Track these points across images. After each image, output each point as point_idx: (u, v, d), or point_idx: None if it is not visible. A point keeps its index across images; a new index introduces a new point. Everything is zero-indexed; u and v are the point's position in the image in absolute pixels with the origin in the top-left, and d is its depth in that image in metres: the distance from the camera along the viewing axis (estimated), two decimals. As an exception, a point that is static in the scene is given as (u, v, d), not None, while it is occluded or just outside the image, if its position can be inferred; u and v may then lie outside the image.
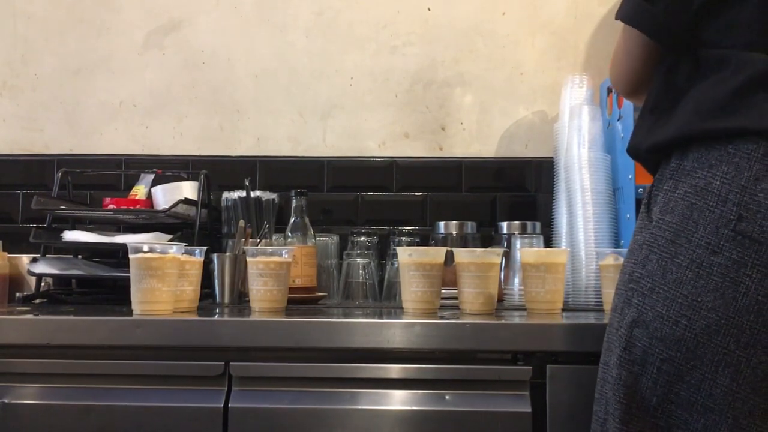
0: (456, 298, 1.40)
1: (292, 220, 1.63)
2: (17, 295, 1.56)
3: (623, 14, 1.03)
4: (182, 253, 1.34)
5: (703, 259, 0.88)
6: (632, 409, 0.93)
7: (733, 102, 0.91)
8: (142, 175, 1.85)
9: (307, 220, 1.63)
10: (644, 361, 0.92)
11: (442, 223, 1.71)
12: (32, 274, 1.55)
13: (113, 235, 1.67)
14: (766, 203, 0.86)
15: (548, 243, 1.69)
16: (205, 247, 1.43)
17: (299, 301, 1.54)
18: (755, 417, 0.87)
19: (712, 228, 0.88)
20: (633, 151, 1.06)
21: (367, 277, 1.66)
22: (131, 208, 1.75)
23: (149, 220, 1.77)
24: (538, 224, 1.67)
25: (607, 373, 0.98)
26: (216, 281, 1.55)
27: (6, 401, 1.19)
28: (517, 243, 1.57)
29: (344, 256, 1.69)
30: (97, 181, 1.90)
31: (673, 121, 0.96)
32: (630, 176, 1.50)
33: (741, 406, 0.87)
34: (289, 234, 1.61)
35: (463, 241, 1.68)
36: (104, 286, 1.70)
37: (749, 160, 0.88)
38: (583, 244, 1.54)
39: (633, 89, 1.11)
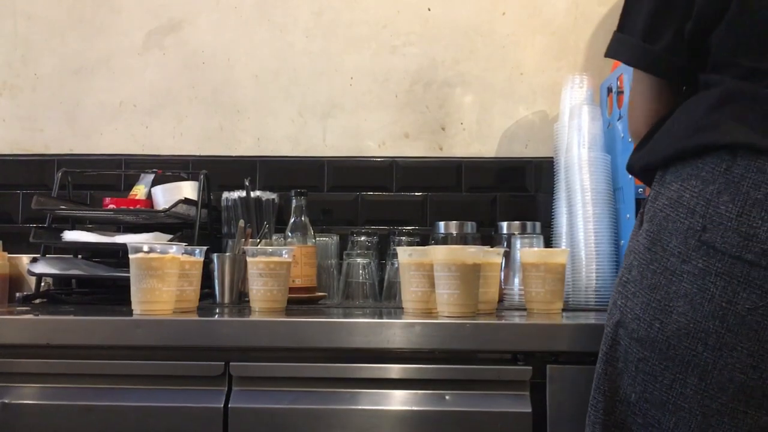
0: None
1: (292, 220, 1.63)
2: (17, 295, 1.56)
3: (627, 58, 1.07)
4: (182, 253, 1.34)
5: (675, 266, 0.93)
6: (615, 401, 1.00)
7: (703, 120, 0.96)
8: (142, 175, 1.85)
9: (307, 220, 1.63)
10: (625, 359, 0.99)
11: (442, 223, 1.71)
12: (32, 274, 1.55)
13: (113, 235, 1.67)
14: (727, 215, 0.90)
15: (548, 243, 1.69)
16: (205, 247, 1.43)
17: (299, 301, 1.53)
18: (723, 415, 0.91)
19: (681, 238, 0.93)
20: (629, 168, 1.12)
21: (367, 277, 1.66)
22: (131, 208, 1.75)
23: (149, 220, 1.77)
24: (538, 224, 1.67)
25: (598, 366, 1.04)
26: (216, 281, 1.55)
27: (6, 401, 1.19)
28: (517, 243, 1.57)
29: (344, 256, 1.69)
30: (97, 181, 1.90)
31: (659, 143, 1.02)
32: (630, 176, 1.50)
33: (710, 404, 0.91)
34: (289, 234, 1.61)
35: (463, 241, 1.68)
36: (104, 286, 1.69)
37: (713, 174, 0.93)
38: (583, 244, 1.54)
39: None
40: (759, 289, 0.88)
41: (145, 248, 1.30)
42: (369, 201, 1.93)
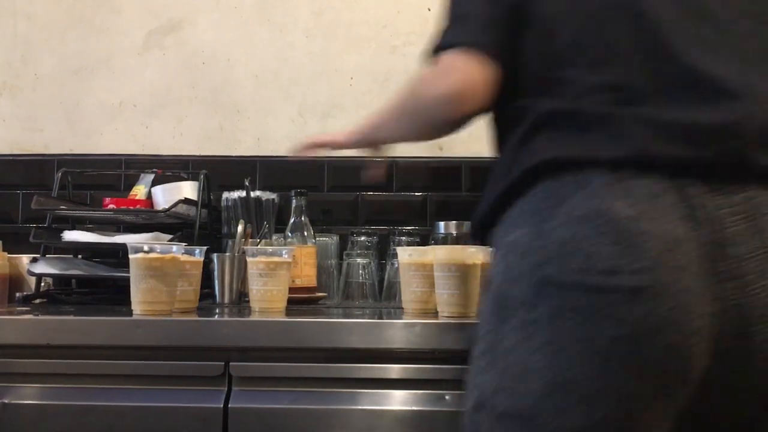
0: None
1: (292, 220, 1.63)
2: (17, 295, 1.56)
3: (447, 41, 0.99)
4: (182, 253, 1.34)
5: (524, 318, 0.79)
6: None
7: (515, 156, 0.88)
8: (142, 175, 1.85)
9: (307, 220, 1.63)
10: None
11: (442, 223, 1.71)
12: (32, 274, 1.55)
13: (113, 235, 1.67)
14: (559, 241, 0.78)
15: (548, 243, 1.69)
16: (205, 247, 1.43)
17: (299, 301, 1.53)
18: None
19: (524, 283, 0.80)
20: (473, 234, 1.00)
21: (367, 277, 1.66)
22: (131, 208, 1.75)
23: (149, 220, 1.77)
24: (538, 224, 1.67)
25: None
26: (216, 281, 1.55)
27: (6, 401, 1.19)
28: (517, 243, 1.57)
29: (344, 256, 1.69)
30: (97, 181, 1.90)
31: (485, 194, 0.93)
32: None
33: None
34: (289, 234, 1.61)
35: (463, 241, 1.68)
36: (104, 286, 1.69)
37: (532, 204, 0.84)
38: (582, 244, 1.53)
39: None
40: (612, 316, 0.74)
41: (145, 248, 1.30)
42: (369, 201, 1.93)
